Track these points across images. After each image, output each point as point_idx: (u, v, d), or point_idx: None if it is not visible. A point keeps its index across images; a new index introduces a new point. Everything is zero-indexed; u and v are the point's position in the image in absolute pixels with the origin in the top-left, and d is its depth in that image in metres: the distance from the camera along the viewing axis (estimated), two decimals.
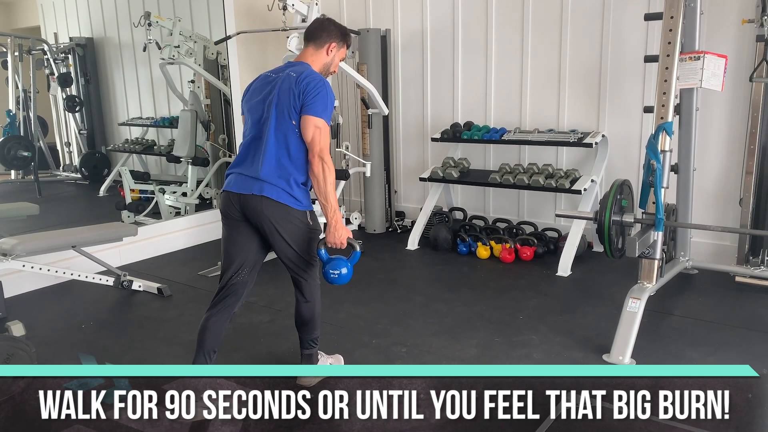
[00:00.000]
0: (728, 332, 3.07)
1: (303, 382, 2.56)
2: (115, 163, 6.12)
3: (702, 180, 3.98)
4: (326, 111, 2.33)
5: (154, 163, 6.30)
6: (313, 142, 2.30)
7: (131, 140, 6.23)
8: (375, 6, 5.28)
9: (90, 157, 6.16)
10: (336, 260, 2.40)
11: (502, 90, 4.77)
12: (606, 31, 4.23)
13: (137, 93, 6.21)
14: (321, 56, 2.49)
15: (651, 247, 3.05)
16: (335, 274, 2.39)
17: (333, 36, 2.49)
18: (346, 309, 3.49)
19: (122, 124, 6.31)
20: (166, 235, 4.85)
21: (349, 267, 2.41)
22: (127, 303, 3.72)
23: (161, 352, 3.03)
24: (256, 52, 5.36)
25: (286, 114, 2.32)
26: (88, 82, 6.20)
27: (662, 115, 3.02)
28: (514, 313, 3.40)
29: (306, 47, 2.50)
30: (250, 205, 2.35)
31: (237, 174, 2.39)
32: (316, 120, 2.30)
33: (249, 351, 3.01)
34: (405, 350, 2.96)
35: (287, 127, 2.32)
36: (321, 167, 2.30)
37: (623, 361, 2.77)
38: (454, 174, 4.60)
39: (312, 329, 2.58)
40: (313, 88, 2.32)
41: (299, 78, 2.34)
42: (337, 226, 2.34)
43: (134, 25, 5.57)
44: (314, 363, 2.63)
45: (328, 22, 2.53)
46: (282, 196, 2.33)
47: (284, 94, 2.32)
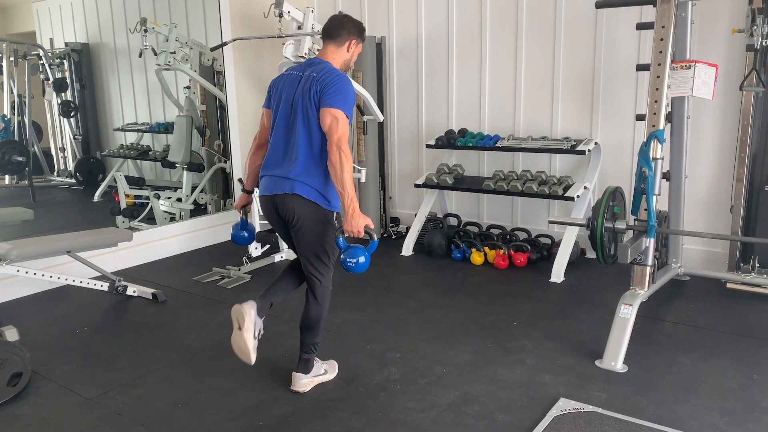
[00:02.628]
0: (719, 338, 3.10)
1: (297, 388, 2.57)
2: (109, 169, 6.12)
3: (693, 187, 4.03)
4: (345, 103, 2.37)
5: (149, 169, 6.30)
6: (331, 131, 2.35)
7: (126, 146, 6.23)
8: (371, 13, 5.32)
9: (85, 163, 6.15)
10: (353, 249, 2.40)
11: (496, 97, 4.81)
12: (599, 39, 4.28)
13: (132, 98, 6.21)
14: (342, 53, 2.56)
15: (643, 254, 3.08)
16: (352, 262, 2.38)
17: (352, 33, 2.57)
18: (341, 314, 3.50)
19: (117, 130, 6.31)
20: (160, 240, 4.85)
21: (367, 256, 2.40)
22: (121, 308, 3.72)
23: (156, 357, 3.03)
24: (252, 58, 5.38)
25: (310, 114, 2.40)
26: (84, 87, 6.20)
27: (654, 123, 3.05)
28: (507, 318, 3.42)
29: (326, 45, 2.56)
30: (282, 203, 2.44)
31: (269, 177, 2.49)
32: (333, 110, 2.35)
33: None
34: (399, 356, 2.97)
35: (312, 126, 2.40)
36: (338, 156, 2.33)
37: (615, 367, 2.79)
38: (448, 180, 4.63)
39: (315, 333, 2.62)
40: (332, 82, 2.38)
41: (320, 76, 2.41)
42: (354, 214, 2.35)
43: (130, 31, 5.59)
44: (310, 368, 2.67)
45: (346, 20, 2.58)
46: (312, 194, 2.42)
47: (307, 93, 2.40)
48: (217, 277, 4.22)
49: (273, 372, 2.83)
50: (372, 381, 2.73)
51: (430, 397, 2.58)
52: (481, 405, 2.51)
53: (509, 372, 2.79)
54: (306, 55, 4.56)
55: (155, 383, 2.77)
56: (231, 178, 5.40)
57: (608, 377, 2.72)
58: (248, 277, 4.18)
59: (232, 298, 3.81)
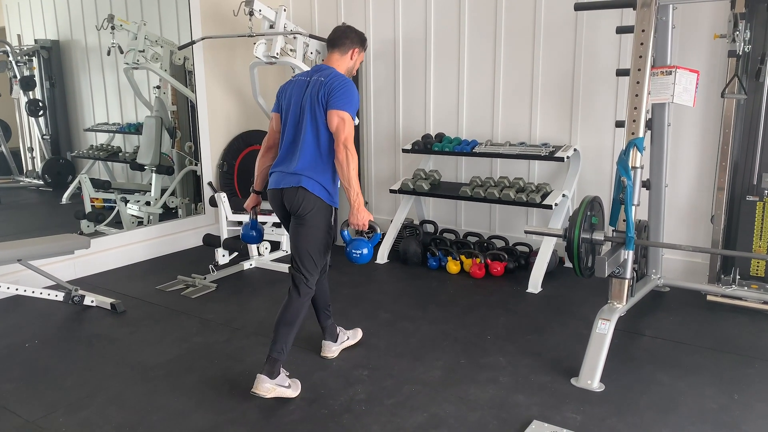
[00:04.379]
0: (699, 354, 2.99)
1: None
2: (80, 170, 5.90)
3: (674, 196, 3.93)
4: (350, 105, 2.57)
5: (120, 171, 6.09)
6: (338, 131, 2.54)
7: (96, 146, 6.02)
8: (347, 13, 5.17)
9: (53, 163, 5.93)
10: (357, 241, 2.61)
11: (474, 101, 4.68)
12: (579, 43, 4.17)
13: (104, 98, 6.00)
14: (345, 61, 2.77)
15: (621, 266, 2.95)
16: (357, 253, 2.59)
17: (355, 42, 2.80)
18: (308, 327, 3.32)
19: (87, 130, 6.09)
20: (125, 246, 4.66)
21: (370, 247, 2.61)
22: (77, 319, 3.52)
23: (107, 374, 2.85)
24: (224, 58, 5.21)
25: (317, 115, 2.57)
26: (54, 85, 5.98)
27: (633, 130, 2.93)
28: (481, 332, 3.28)
29: (331, 53, 2.77)
30: (288, 196, 2.60)
31: (278, 172, 2.65)
32: (340, 112, 2.54)
33: (202, 373, 2.84)
34: (366, 373, 2.82)
35: (320, 126, 2.58)
36: (345, 154, 2.53)
37: (592, 386, 2.66)
38: (424, 186, 4.49)
39: (291, 330, 2.60)
40: (338, 86, 2.57)
41: (327, 80, 2.60)
42: (359, 209, 2.57)
43: (96, 28, 5.39)
44: (277, 372, 2.57)
45: (349, 30, 2.82)
46: (317, 188, 2.57)
47: (315, 97, 2.58)
48: (182, 286, 4.03)
49: (231, 391, 2.66)
50: (336, 401, 2.57)
51: (396, 420, 2.43)
52: (450, 428, 2.36)
53: (481, 391, 2.65)
54: (278, 55, 4.41)
55: (104, 403, 2.58)
56: (202, 182, 5.21)
57: (584, 397, 2.59)
58: (213, 287, 4.00)
59: (195, 309, 3.64)
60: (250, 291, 3.99)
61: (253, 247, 4.53)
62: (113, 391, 2.68)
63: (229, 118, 5.35)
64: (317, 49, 4.77)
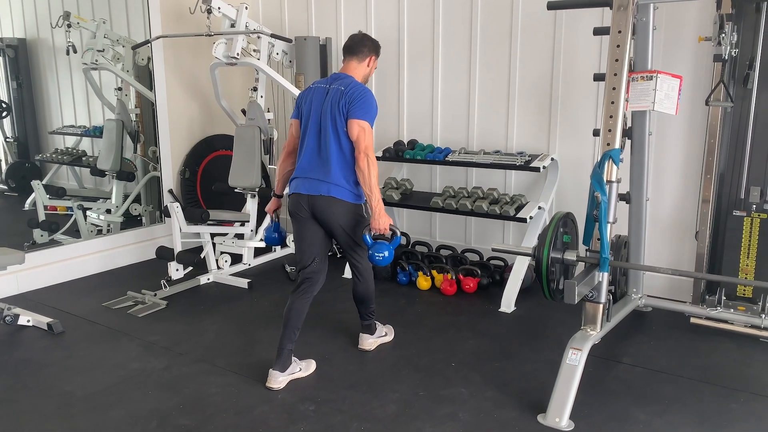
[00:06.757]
0: (680, 385, 2.73)
1: (364, 346, 3.11)
2: (46, 174, 5.62)
3: (656, 210, 3.69)
4: (369, 114, 2.70)
5: (88, 176, 5.81)
6: (359, 141, 2.67)
7: (61, 150, 5.73)
8: (317, 13, 4.91)
9: (18, 167, 5.62)
10: (379, 244, 2.75)
11: (448, 107, 4.43)
12: (557, 46, 3.92)
13: (72, 99, 5.72)
14: (362, 68, 2.89)
15: (596, 290, 2.70)
16: (380, 256, 2.73)
17: (372, 50, 2.90)
18: (258, 352, 3.08)
19: (52, 133, 5.80)
20: (77, 258, 4.38)
21: (391, 250, 2.75)
22: (7, 342, 3.23)
23: (27, 407, 2.57)
24: (187, 58, 4.95)
25: (338, 124, 2.69)
26: (20, 86, 5.69)
27: (608, 141, 2.67)
28: (446, 358, 3.02)
29: (349, 61, 2.87)
30: (318, 204, 2.73)
31: (304, 179, 2.76)
32: (360, 122, 2.67)
33: (130, 407, 2.56)
34: (313, 408, 2.55)
35: (341, 135, 2.69)
36: (366, 162, 2.67)
37: (560, 424, 2.40)
38: (394, 197, 4.22)
39: (368, 304, 3.07)
40: (358, 95, 2.69)
41: (347, 90, 2.71)
42: (380, 214, 2.73)
43: (52, 26, 5.11)
44: (374, 331, 3.13)
45: (366, 38, 2.90)
46: (346, 194, 2.73)
47: (336, 105, 2.69)
48: (130, 303, 3.75)
49: (159, 427, 2.39)
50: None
51: None
52: None
53: (436, 430, 2.39)
54: (238, 55, 4.14)
55: None
56: (161, 189, 4.93)
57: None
58: (164, 304, 3.72)
59: (140, 329, 3.36)
60: (202, 309, 3.71)
61: (212, 260, 4.26)
62: (30, 429, 2.41)
63: (192, 122, 5.08)
64: (284, 50, 4.51)
